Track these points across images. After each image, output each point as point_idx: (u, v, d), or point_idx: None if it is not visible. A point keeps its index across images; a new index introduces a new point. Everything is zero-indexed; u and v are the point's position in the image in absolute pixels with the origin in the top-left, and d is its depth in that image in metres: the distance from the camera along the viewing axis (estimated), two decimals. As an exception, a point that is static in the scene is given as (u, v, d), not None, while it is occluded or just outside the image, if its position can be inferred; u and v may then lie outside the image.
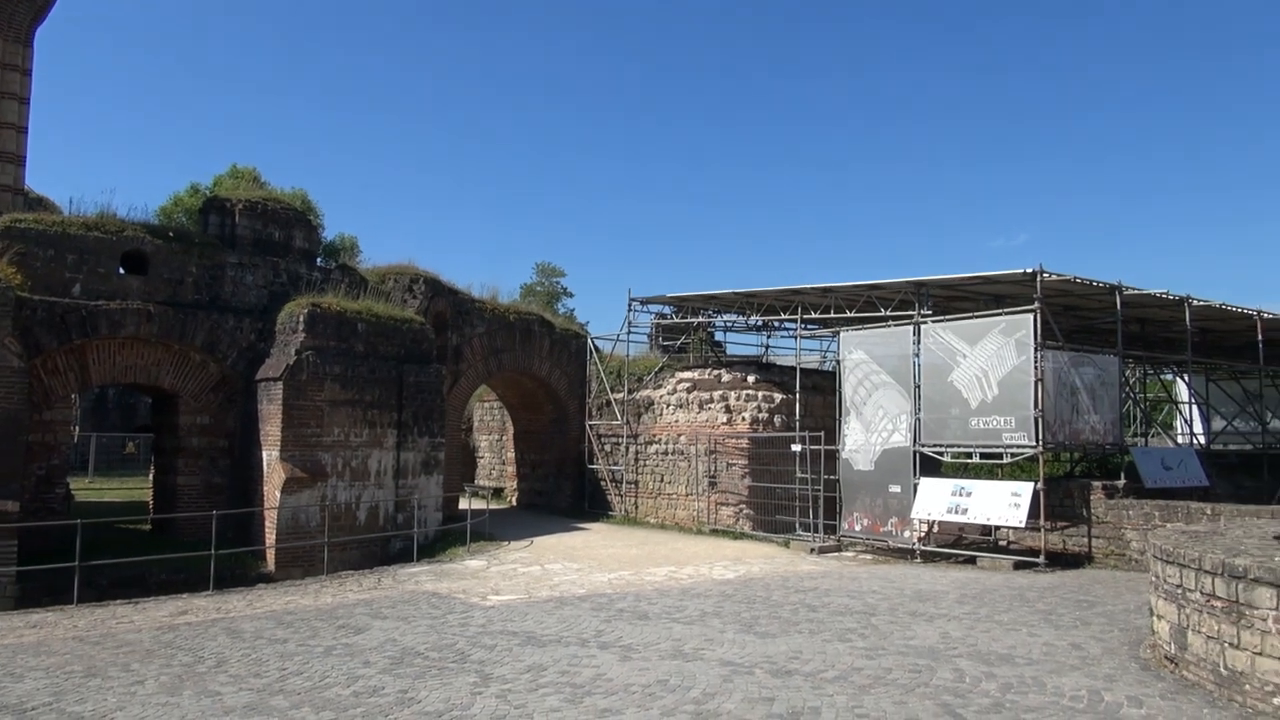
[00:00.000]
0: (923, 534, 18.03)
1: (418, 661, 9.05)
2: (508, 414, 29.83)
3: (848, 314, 20.88)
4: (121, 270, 17.97)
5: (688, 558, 17.67)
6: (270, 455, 17.61)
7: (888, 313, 19.73)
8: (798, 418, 21.09)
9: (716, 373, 23.25)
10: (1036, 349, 16.38)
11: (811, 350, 26.60)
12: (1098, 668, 8.60)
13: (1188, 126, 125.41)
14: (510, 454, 30.13)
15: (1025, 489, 16.45)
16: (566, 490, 26.72)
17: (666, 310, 26.49)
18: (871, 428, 18.94)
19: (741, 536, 20.97)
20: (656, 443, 24.13)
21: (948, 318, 18.19)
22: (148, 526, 19.19)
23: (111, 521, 17.83)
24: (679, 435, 23.46)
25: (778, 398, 22.10)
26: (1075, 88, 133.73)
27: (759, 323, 25.58)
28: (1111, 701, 7.47)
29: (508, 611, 12.00)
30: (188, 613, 12.26)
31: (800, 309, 22.31)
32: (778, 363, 25.76)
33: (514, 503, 28.95)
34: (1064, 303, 19.52)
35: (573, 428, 26.57)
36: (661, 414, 24.14)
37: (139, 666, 8.96)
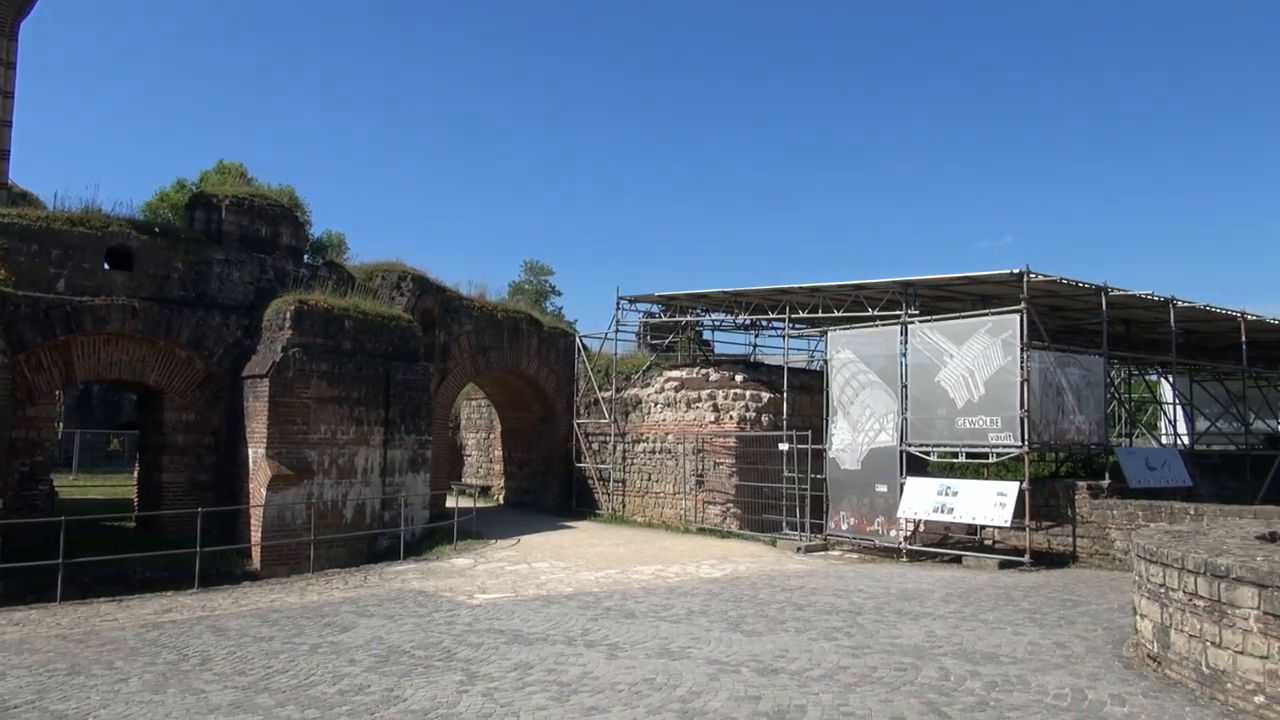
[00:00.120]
0: (909, 533, 18.09)
1: (404, 660, 9.03)
2: (495, 412, 29.80)
3: (835, 314, 20.93)
4: (107, 266, 17.83)
5: (675, 556, 17.69)
6: (256, 452, 17.53)
7: (875, 313, 19.79)
8: (785, 417, 21.14)
9: (704, 372, 23.28)
10: (1023, 349, 16.46)
11: (799, 350, 26.68)
12: (1081, 666, 8.66)
13: (1174, 129, 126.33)
14: (497, 452, 30.10)
15: (1011, 489, 16.53)
16: (554, 489, 26.71)
17: (654, 309, 26.50)
18: (858, 427, 19.00)
19: (729, 535, 21.01)
20: (644, 441, 24.14)
21: (935, 318, 18.26)
22: (132, 524, 19.06)
23: (96, 519, 17.70)
24: (666, 434, 23.47)
25: (765, 397, 22.15)
26: (1062, 90, 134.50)
27: (747, 322, 25.64)
28: (1095, 700, 7.52)
29: (494, 610, 11.98)
30: (172, 610, 12.20)
31: (788, 308, 22.36)
32: (765, 362, 25.80)
33: (501, 501, 28.93)
34: (1050, 303, 19.62)
35: (560, 426, 26.56)
36: (649, 413, 24.16)
37: (123, 664, 8.91)
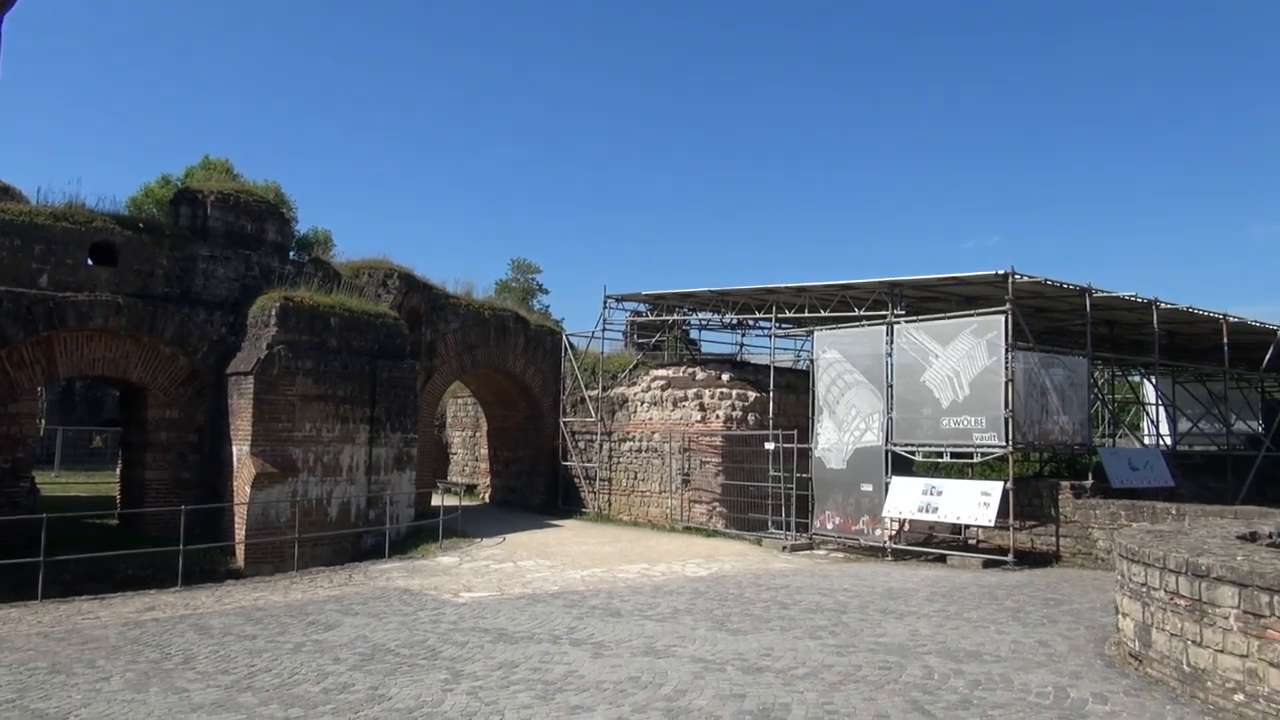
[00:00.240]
0: (894, 532, 18.16)
1: (388, 658, 9.00)
2: (481, 410, 29.74)
3: (822, 313, 20.99)
4: (90, 261, 17.69)
5: (660, 555, 17.70)
6: (241, 450, 17.44)
7: (861, 313, 19.86)
8: (771, 416, 21.19)
9: (691, 371, 23.30)
10: (1007, 350, 16.55)
11: (786, 349, 26.74)
12: (1064, 665, 8.71)
13: (1159, 132, 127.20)
14: (484, 450, 30.05)
15: (995, 488, 16.62)
16: (540, 487, 26.69)
17: (642, 308, 26.48)
18: (844, 427, 19.06)
19: (714, 534, 21.04)
20: (630, 440, 24.14)
21: (920, 318, 18.33)
22: (115, 521, 18.91)
23: (78, 516, 17.57)
24: (653, 433, 23.48)
25: (752, 396, 22.18)
26: (1049, 94, 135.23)
27: (734, 321, 25.67)
28: (1077, 698, 7.56)
29: (479, 608, 11.96)
30: (155, 609, 12.12)
31: (775, 308, 22.40)
32: (752, 361, 25.86)
33: (487, 499, 28.87)
34: (1035, 304, 19.72)
35: (547, 424, 26.53)
36: (636, 411, 24.16)
37: (105, 663, 8.86)
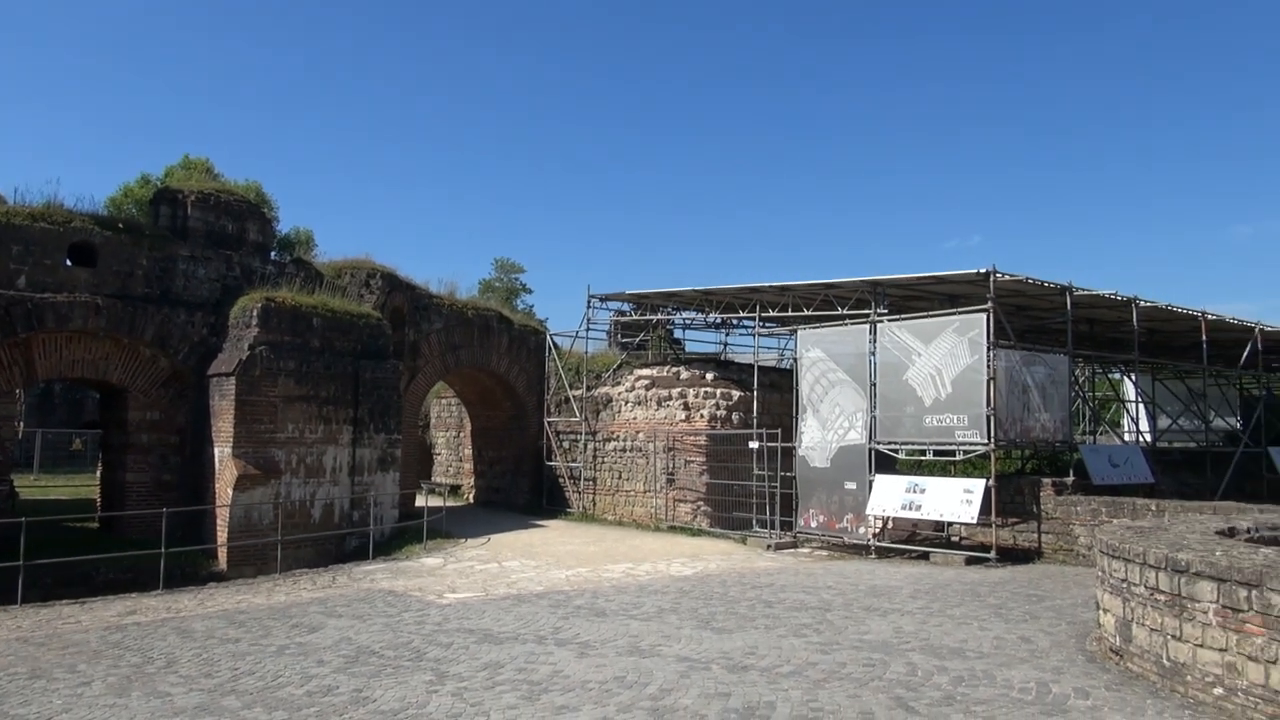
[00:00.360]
0: (877, 530, 18.24)
1: (373, 660, 8.97)
2: (465, 410, 29.66)
3: (805, 312, 21.05)
4: (69, 262, 17.51)
5: (645, 554, 17.71)
6: (222, 452, 17.33)
7: (844, 311, 19.93)
8: (755, 415, 21.23)
9: (675, 370, 23.31)
10: (989, 348, 16.65)
11: (769, 348, 26.77)
12: (1046, 660, 8.77)
13: (1139, 133, 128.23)
14: (468, 451, 29.97)
15: (977, 486, 16.72)
16: (524, 487, 26.65)
17: (625, 307, 26.48)
18: (828, 425, 19.12)
19: (699, 533, 21.07)
20: (615, 440, 24.14)
21: (903, 317, 18.41)
22: (95, 524, 18.79)
23: (57, 519, 17.44)
24: (637, 432, 23.49)
25: (736, 395, 22.22)
26: (1031, 95, 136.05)
27: (718, 321, 25.69)
28: (1059, 693, 7.62)
29: (464, 609, 11.94)
30: (136, 612, 12.03)
31: (758, 307, 22.45)
32: (736, 360, 25.88)
33: (471, 500, 28.80)
34: (1016, 303, 19.85)
35: (531, 425, 26.49)
36: (620, 411, 24.16)
37: (86, 667, 8.78)
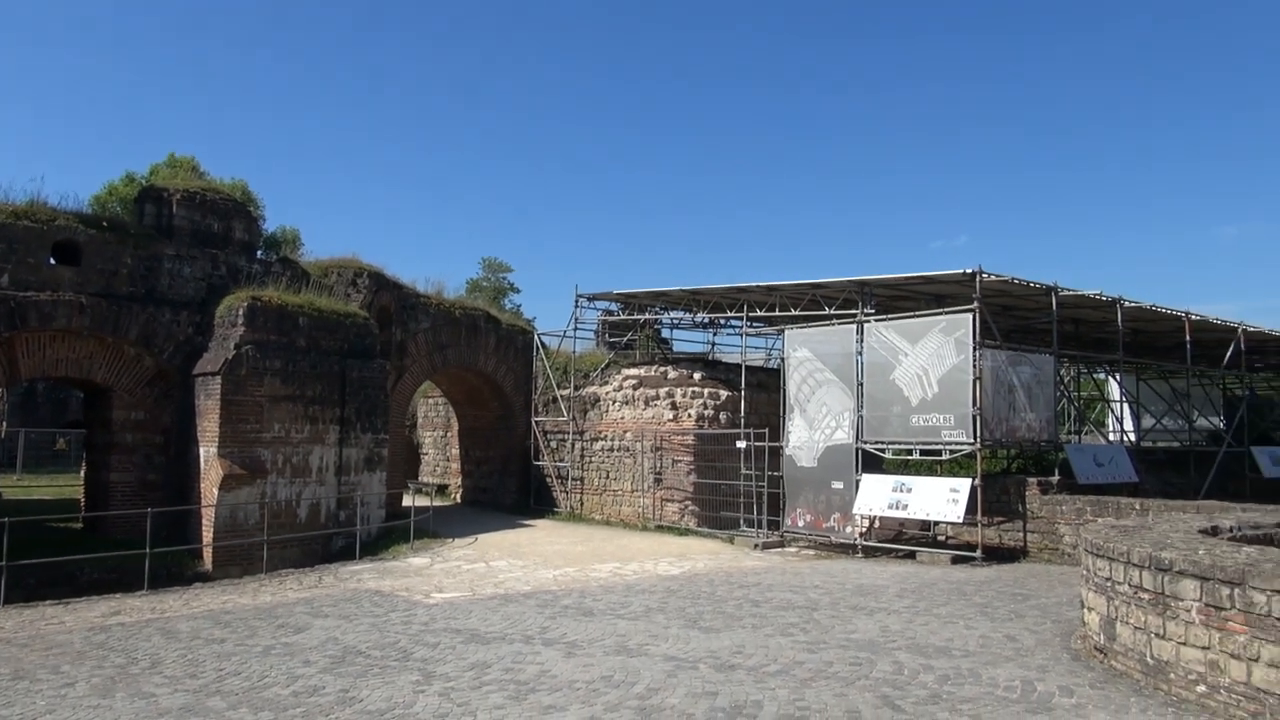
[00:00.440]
0: (864, 529, 18.30)
1: (359, 660, 8.94)
2: (452, 410, 29.59)
3: (793, 312, 21.10)
4: (52, 260, 17.39)
5: (633, 554, 17.72)
6: (208, 451, 17.24)
7: (831, 311, 19.99)
8: (743, 415, 21.27)
9: (663, 370, 23.32)
10: (975, 348, 16.72)
11: (757, 348, 26.80)
12: (1031, 659, 8.82)
13: (1125, 135, 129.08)
14: (455, 450, 29.89)
15: (963, 485, 16.80)
16: (511, 487, 26.60)
17: (613, 307, 26.48)
18: (815, 425, 19.17)
19: (686, 533, 21.08)
20: (602, 439, 24.13)
21: (890, 317, 18.47)
22: (79, 525, 18.66)
23: (41, 520, 17.31)
24: (625, 432, 23.49)
25: (723, 395, 22.25)
26: (1017, 96, 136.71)
27: (705, 320, 25.71)
28: (1044, 691, 7.66)
29: (451, 609, 11.91)
30: (121, 613, 11.96)
31: (746, 307, 22.49)
32: (724, 360, 25.89)
33: (458, 500, 28.73)
34: (1002, 303, 19.94)
35: (518, 424, 26.45)
36: (608, 410, 24.15)
37: (69, 668, 8.73)
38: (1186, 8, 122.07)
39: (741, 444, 20.02)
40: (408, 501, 21.90)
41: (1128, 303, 20.35)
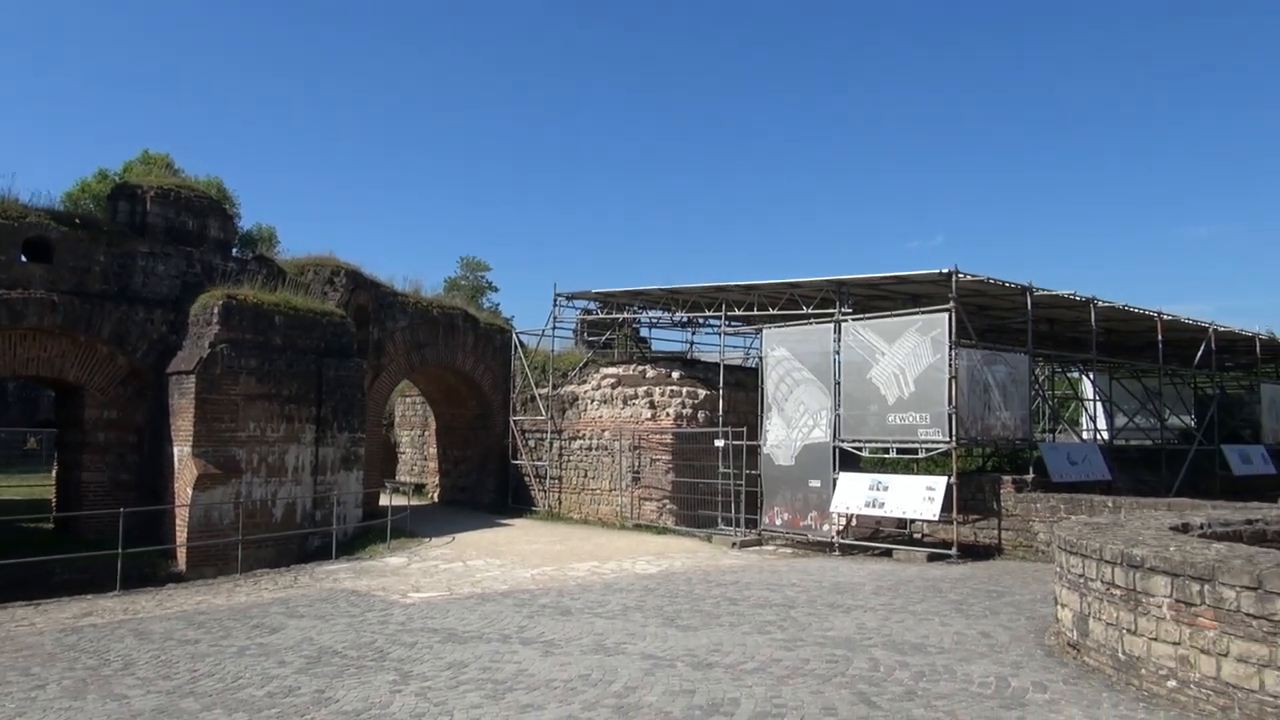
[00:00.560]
0: (841, 528, 18.39)
1: (335, 660, 8.89)
2: (430, 409, 29.47)
3: (770, 311, 21.16)
4: (24, 258, 17.19)
5: (611, 553, 17.71)
6: (182, 451, 17.09)
7: (809, 311, 20.06)
8: (721, 414, 21.30)
9: (641, 369, 23.33)
10: (951, 347, 16.83)
11: (735, 347, 26.90)
12: (1005, 655, 8.89)
13: (1097, 137, 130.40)
14: (432, 449, 29.77)
15: (939, 483, 16.91)
16: (490, 486, 26.52)
17: (592, 306, 26.45)
18: (792, 424, 19.24)
19: (665, 531, 21.11)
20: (581, 438, 24.11)
21: (867, 316, 18.56)
22: (51, 525, 18.46)
23: (11, 520, 17.13)
24: (603, 431, 23.48)
25: (701, 394, 22.29)
26: (992, 99, 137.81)
27: (684, 319, 25.75)
28: (1018, 687, 7.74)
29: (428, 609, 11.87)
30: (93, 614, 11.83)
31: (724, 307, 22.53)
32: (702, 359, 25.93)
33: (436, 499, 28.62)
34: (978, 302, 20.09)
35: (497, 423, 26.38)
36: (586, 409, 24.13)
37: (40, 670, 8.62)
38: (1155, 8, 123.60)
39: (720, 443, 20.06)
40: (385, 501, 21.77)
41: (1101, 303, 20.55)
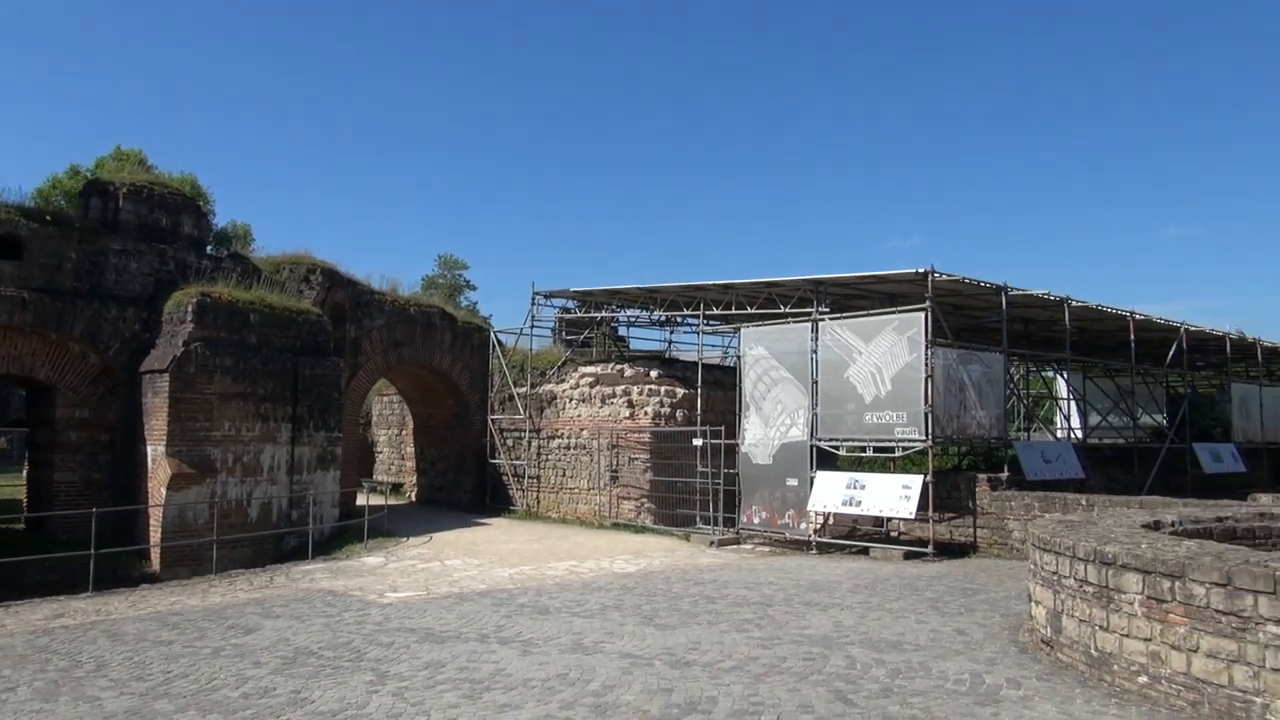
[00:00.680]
0: (818, 526, 18.47)
1: (311, 661, 8.84)
2: (408, 408, 29.33)
3: (748, 310, 21.22)
4: (-8, 255, 16.96)
5: (589, 552, 17.71)
6: (155, 450, 16.91)
7: (787, 310, 20.15)
8: (699, 413, 21.35)
9: (619, 368, 23.33)
10: (927, 346, 16.95)
11: (713, 346, 26.95)
12: (980, 652, 8.98)
13: (1073, 139, 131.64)
14: (410, 449, 29.63)
15: (915, 481, 17.02)
16: (467, 485, 26.44)
17: (570, 305, 26.42)
18: (770, 422, 19.31)
19: (643, 530, 21.12)
20: (559, 437, 24.09)
21: (844, 315, 18.66)
22: (21, 525, 18.20)
23: (-20, 521, 16.87)
24: (581, 430, 23.47)
25: (680, 393, 22.32)
26: (971, 101, 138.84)
27: (662, 318, 25.77)
28: (992, 684, 7.81)
29: (406, 608, 11.82)
30: (65, 615, 11.70)
31: (702, 305, 22.57)
32: (680, 358, 25.93)
33: (413, 498, 28.49)
34: (954, 302, 20.25)
35: (474, 422, 26.30)
36: (564, 408, 24.11)
37: (10, 672, 8.52)
38: (1129, 12, 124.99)
39: (698, 441, 20.10)
40: (362, 500, 21.67)
41: (1075, 302, 20.77)
